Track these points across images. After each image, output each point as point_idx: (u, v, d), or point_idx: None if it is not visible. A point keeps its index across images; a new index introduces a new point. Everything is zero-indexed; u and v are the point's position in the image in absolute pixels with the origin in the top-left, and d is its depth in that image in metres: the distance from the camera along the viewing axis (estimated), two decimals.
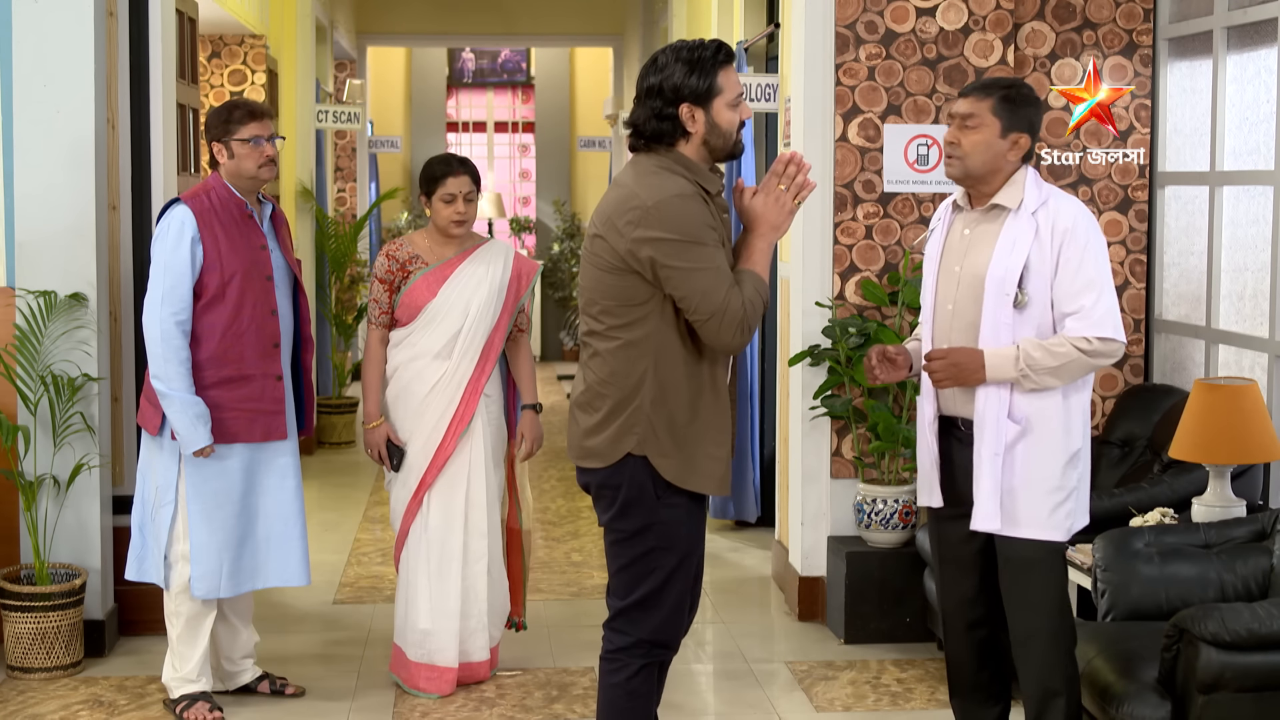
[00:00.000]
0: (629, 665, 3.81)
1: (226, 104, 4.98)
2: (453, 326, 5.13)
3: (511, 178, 17.81)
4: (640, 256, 3.61)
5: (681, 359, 3.68)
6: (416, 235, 5.26)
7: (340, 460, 10.18)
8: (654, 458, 3.68)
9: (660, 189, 3.62)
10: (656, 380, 3.67)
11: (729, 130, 3.73)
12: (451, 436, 5.14)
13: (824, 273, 6.03)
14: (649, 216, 3.60)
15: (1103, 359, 3.86)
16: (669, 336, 3.67)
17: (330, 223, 11.06)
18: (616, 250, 3.65)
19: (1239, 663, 3.80)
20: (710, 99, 3.68)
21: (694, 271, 3.58)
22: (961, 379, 3.93)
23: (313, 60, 10.95)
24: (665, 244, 3.58)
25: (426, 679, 5.21)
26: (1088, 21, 6.15)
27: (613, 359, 3.70)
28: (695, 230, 3.60)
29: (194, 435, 4.81)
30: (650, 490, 3.71)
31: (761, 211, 3.73)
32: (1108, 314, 3.85)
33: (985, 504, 3.94)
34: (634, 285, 3.65)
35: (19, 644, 5.37)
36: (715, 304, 3.58)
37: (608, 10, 14.30)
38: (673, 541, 3.75)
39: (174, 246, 4.82)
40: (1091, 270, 3.86)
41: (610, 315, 3.69)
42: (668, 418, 3.68)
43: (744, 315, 3.61)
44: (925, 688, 5.34)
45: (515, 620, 5.46)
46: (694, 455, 3.71)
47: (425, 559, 5.19)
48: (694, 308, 3.59)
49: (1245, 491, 5.05)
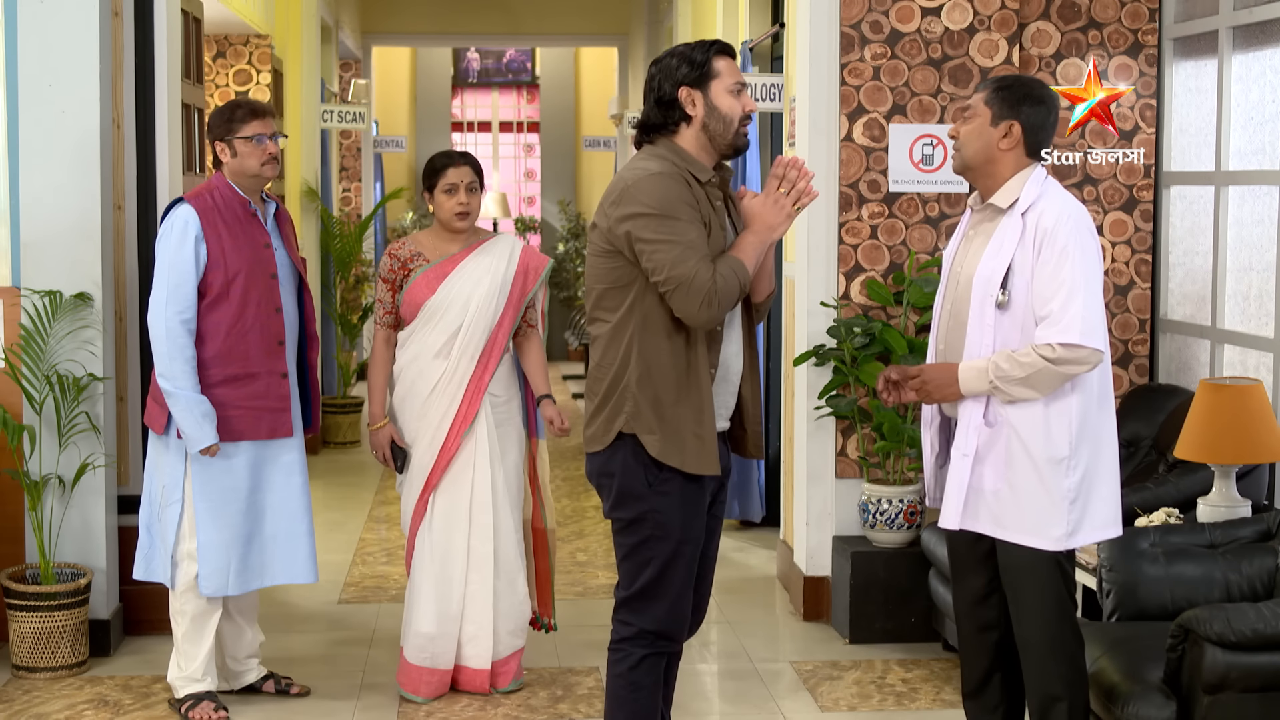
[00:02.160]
0: (631, 655, 3.87)
1: (228, 103, 5.01)
2: (452, 324, 5.10)
3: (516, 177, 17.81)
4: (618, 234, 3.74)
5: (665, 339, 3.76)
6: (421, 234, 5.25)
7: (345, 460, 10.19)
8: (641, 434, 3.77)
9: (642, 170, 3.76)
10: (641, 359, 3.76)
11: (729, 115, 3.82)
12: (454, 436, 5.10)
13: (829, 273, 6.03)
14: (626, 194, 3.73)
15: (1073, 367, 3.76)
16: (653, 317, 3.76)
17: (335, 222, 11.07)
18: (604, 232, 3.79)
19: (1244, 663, 3.80)
20: (707, 81, 3.80)
21: (663, 243, 3.68)
22: (936, 396, 3.95)
23: (318, 60, 10.96)
24: (639, 218, 3.70)
25: (425, 683, 5.16)
26: (1093, 21, 6.14)
27: (605, 342, 3.82)
28: (668, 205, 3.70)
29: (200, 434, 4.81)
30: (641, 477, 3.79)
31: (759, 211, 3.81)
32: (1076, 320, 3.74)
33: (950, 502, 3.97)
34: (620, 267, 3.77)
35: (24, 643, 5.37)
36: (681, 273, 3.65)
37: (613, 10, 14.30)
38: (666, 530, 3.81)
39: (178, 245, 4.83)
40: (1065, 273, 3.77)
41: (604, 299, 3.83)
42: (653, 396, 3.76)
43: (711, 288, 3.66)
44: (930, 688, 5.34)
45: (545, 621, 5.37)
46: (679, 433, 3.78)
47: (430, 561, 5.15)
48: (663, 278, 3.68)
49: (1250, 491, 5.05)
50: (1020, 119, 3.92)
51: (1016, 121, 3.91)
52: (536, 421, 5.31)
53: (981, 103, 3.95)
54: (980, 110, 3.95)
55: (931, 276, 5.88)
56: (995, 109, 3.93)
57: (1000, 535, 3.92)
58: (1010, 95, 3.93)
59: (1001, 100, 3.92)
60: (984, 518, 3.94)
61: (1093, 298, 3.78)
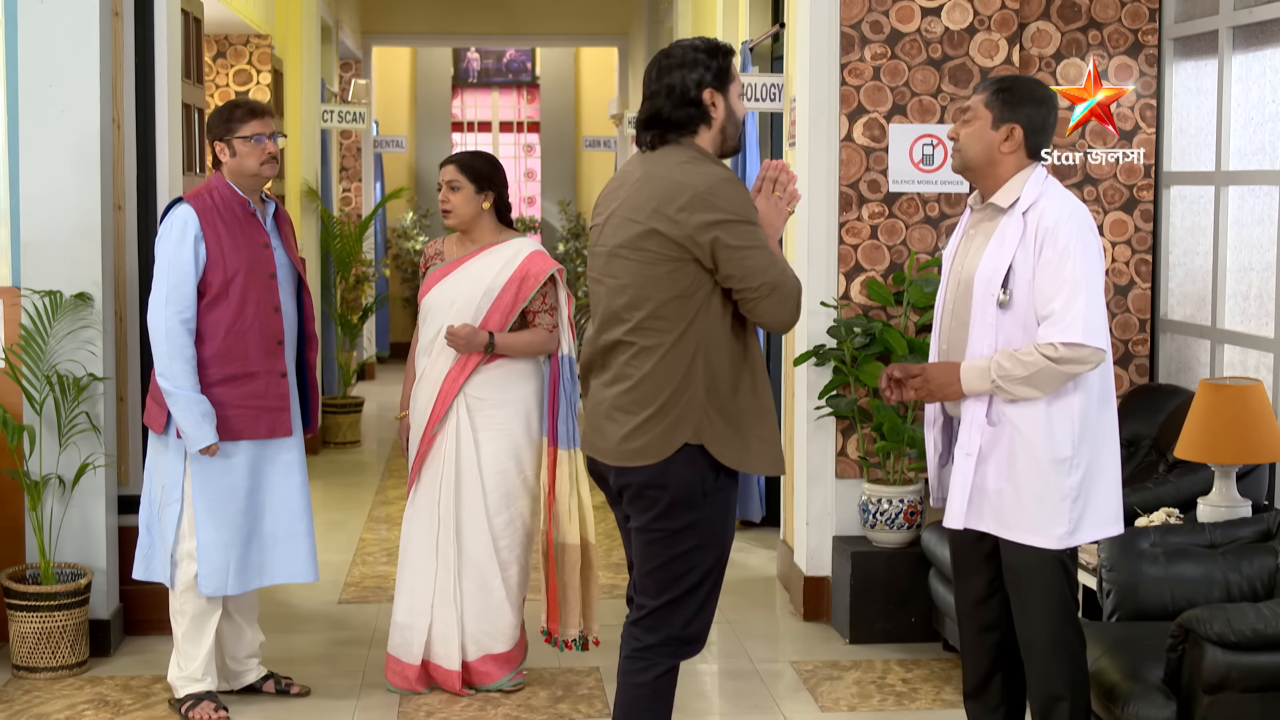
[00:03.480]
0: (657, 665, 3.82)
1: (227, 103, 5.02)
2: (437, 323, 5.17)
3: (516, 177, 17.82)
4: (701, 241, 3.65)
5: (728, 347, 3.74)
6: (451, 235, 5.33)
7: (345, 460, 10.19)
8: (711, 445, 3.71)
9: (709, 174, 3.69)
10: (708, 370, 3.72)
11: (741, 119, 3.86)
12: (428, 432, 5.16)
13: (829, 273, 6.03)
14: (704, 201, 3.65)
15: (1075, 366, 3.76)
16: (717, 326, 3.72)
17: (335, 223, 11.07)
18: (672, 238, 3.67)
19: (1244, 663, 3.80)
20: (727, 84, 3.80)
21: (752, 249, 3.65)
22: (939, 395, 3.96)
23: (318, 60, 10.96)
24: (725, 225, 3.65)
25: (394, 672, 5.24)
26: (1093, 21, 6.14)
27: (662, 354, 3.71)
28: (747, 210, 3.69)
29: (199, 433, 4.82)
30: (698, 487, 3.73)
31: (764, 214, 3.80)
32: (1078, 319, 3.74)
33: (954, 501, 3.97)
34: (691, 275, 3.68)
35: (24, 643, 5.37)
36: (773, 277, 3.65)
37: (613, 10, 14.31)
38: (713, 538, 3.80)
39: (177, 245, 4.84)
40: (1068, 272, 3.77)
41: (663, 309, 3.71)
42: (720, 404, 3.73)
43: (799, 290, 3.72)
44: (930, 688, 5.34)
45: (556, 638, 5.22)
46: (746, 439, 3.77)
47: (405, 552, 5.25)
48: (755, 284, 3.65)
49: (1251, 491, 5.05)
50: (1021, 121, 3.92)
51: (1018, 124, 3.92)
52: (557, 430, 5.14)
53: (982, 105, 3.95)
54: (981, 113, 3.95)
55: (932, 276, 5.88)
56: (996, 111, 3.92)
57: (1004, 534, 3.92)
58: (1011, 98, 3.92)
59: (1002, 103, 3.92)
60: (988, 517, 3.94)
61: (1095, 296, 3.78)
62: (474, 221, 5.22)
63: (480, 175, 5.20)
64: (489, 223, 5.26)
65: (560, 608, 5.18)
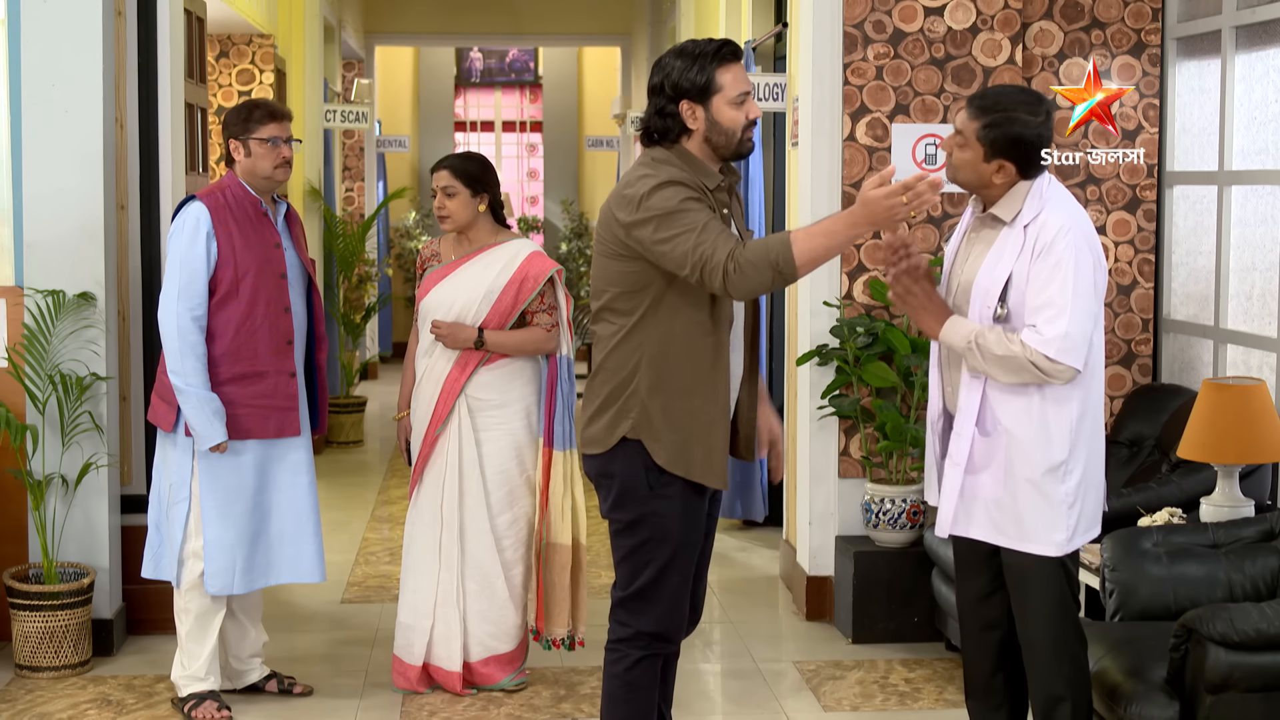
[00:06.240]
0: (628, 656, 3.88)
1: (247, 103, 5.03)
2: None
3: (519, 177, 17.82)
4: (631, 241, 3.71)
5: (685, 350, 3.75)
6: (448, 235, 5.32)
7: (349, 459, 10.20)
8: (648, 442, 3.75)
9: (649, 179, 3.71)
10: (653, 368, 3.74)
11: (731, 128, 3.77)
12: (430, 434, 5.17)
13: (832, 272, 6.03)
14: (632, 202, 3.70)
15: (1046, 376, 3.76)
16: (669, 326, 3.74)
17: (338, 222, 11.08)
18: (619, 238, 3.75)
19: (1247, 663, 3.80)
20: (709, 96, 3.74)
21: (675, 237, 3.64)
22: (915, 316, 3.93)
23: (321, 60, 10.97)
24: (648, 223, 3.66)
25: (397, 673, 5.25)
26: (1096, 21, 6.14)
27: (614, 344, 3.79)
28: (674, 205, 3.65)
29: (210, 431, 4.82)
30: (643, 480, 3.77)
31: (871, 199, 3.54)
32: (1057, 337, 3.72)
33: (942, 510, 3.97)
34: (636, 271, 3.74)
35: (27, 643, 5.38)
36: (698, 255, 3.60)
37: (615, 10, 14.31)
38: (666, 533, 3.80)
39: (189, 242, 4.84)
40: (1055, 290, 3.74)
41: (616, 301, 3.79)
42: (662, 405, 3.74)
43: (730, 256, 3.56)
44: (933, 687, 5.34)
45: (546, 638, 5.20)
46: (687, 443, 3.76)
47: (409, 553, 5.26)
48: (687, 269, 3.63)
49: (1253, 491, 5.04)
50: (1012, 158, 3.85)
51: (1009, 162, 3.86)
52: (554, 431, 5.17)
53: (973, 136, 3.85)
54: (973, 144, 3.85)
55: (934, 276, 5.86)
56: (987, 148, 3.83)
57: (1001, 543, 3.92)
58: (1000, 136, 3.81)
59: (992, 141, 3.82)
60: (982, 524, 3.93)
61: (1079, 315, 3.75)
62: (471, 224, 5.23)
63: (474, 178, 5.21)
64: (486, 223, 5.28)
65: (547, 607, 5.20)
